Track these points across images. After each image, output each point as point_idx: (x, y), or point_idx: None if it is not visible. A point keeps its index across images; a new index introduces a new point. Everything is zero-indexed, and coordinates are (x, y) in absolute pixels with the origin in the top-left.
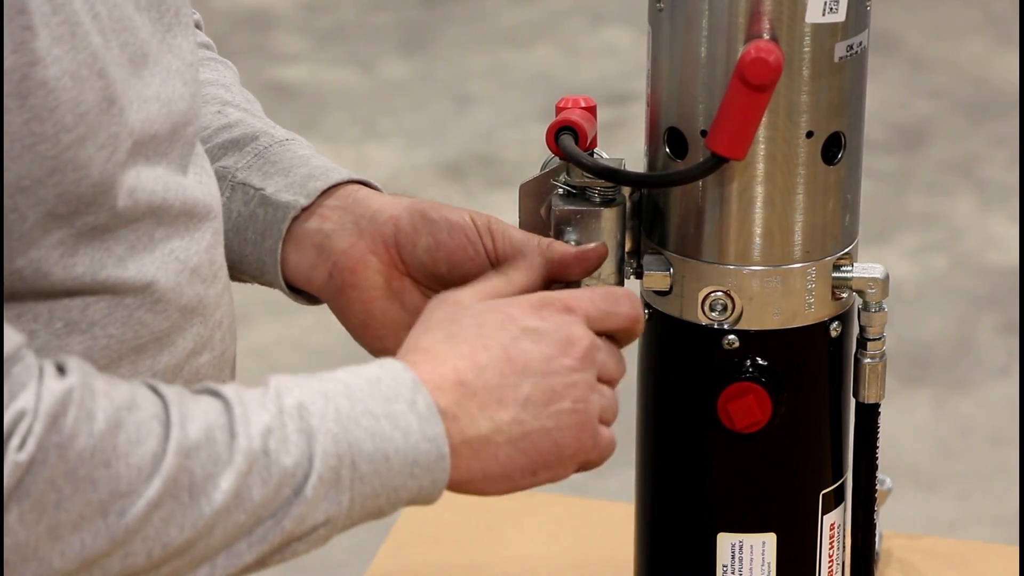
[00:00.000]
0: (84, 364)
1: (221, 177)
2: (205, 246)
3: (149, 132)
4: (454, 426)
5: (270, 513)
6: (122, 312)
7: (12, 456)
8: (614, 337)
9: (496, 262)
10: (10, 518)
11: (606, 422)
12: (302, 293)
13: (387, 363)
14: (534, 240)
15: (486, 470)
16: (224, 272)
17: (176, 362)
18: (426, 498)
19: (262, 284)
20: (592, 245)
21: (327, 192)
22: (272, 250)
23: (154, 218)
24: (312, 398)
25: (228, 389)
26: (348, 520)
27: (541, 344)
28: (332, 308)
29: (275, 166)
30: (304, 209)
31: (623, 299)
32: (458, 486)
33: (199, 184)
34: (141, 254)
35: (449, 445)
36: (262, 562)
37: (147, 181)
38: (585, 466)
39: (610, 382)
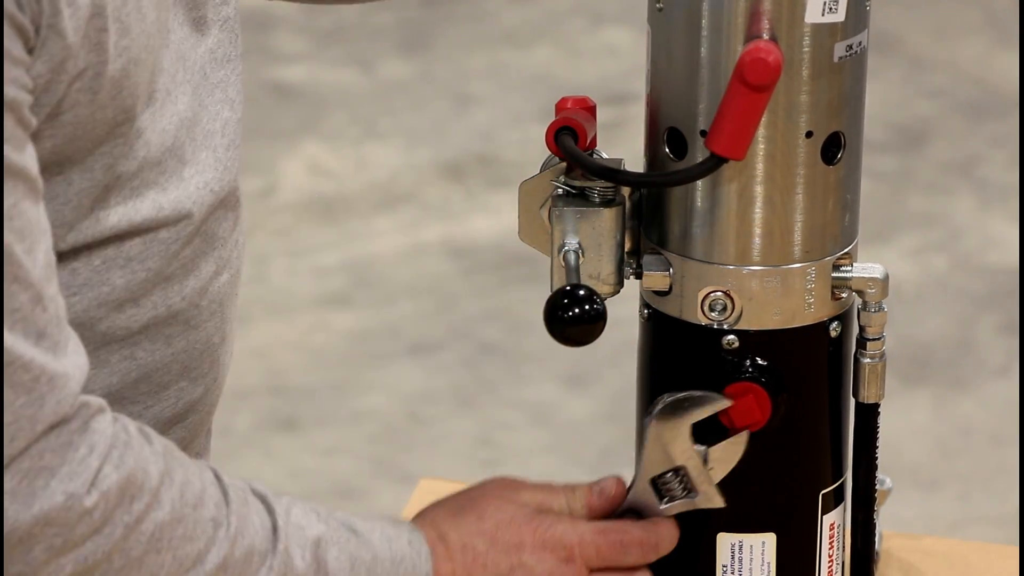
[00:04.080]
0: (168, 444)
1: None
2: (234, 175)
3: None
4: None
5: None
6: (158, 246)
7: (77, 521)
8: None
9: None
10: (63, 572)
11: None
12: None
13: (417, 543)
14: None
15: None
16: (240, 190)
17: (202, 285)
18: None
19: None
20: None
21: None
22: None
23: (177, 158)
24: (341, 565)
25: (280, 509)
26: None
27: None
28: None
29: None
30: None
31: (632, 549)
32: None
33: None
34: (176, 190)
35: None
36: None
37: (171, 123)
38: None
39: None
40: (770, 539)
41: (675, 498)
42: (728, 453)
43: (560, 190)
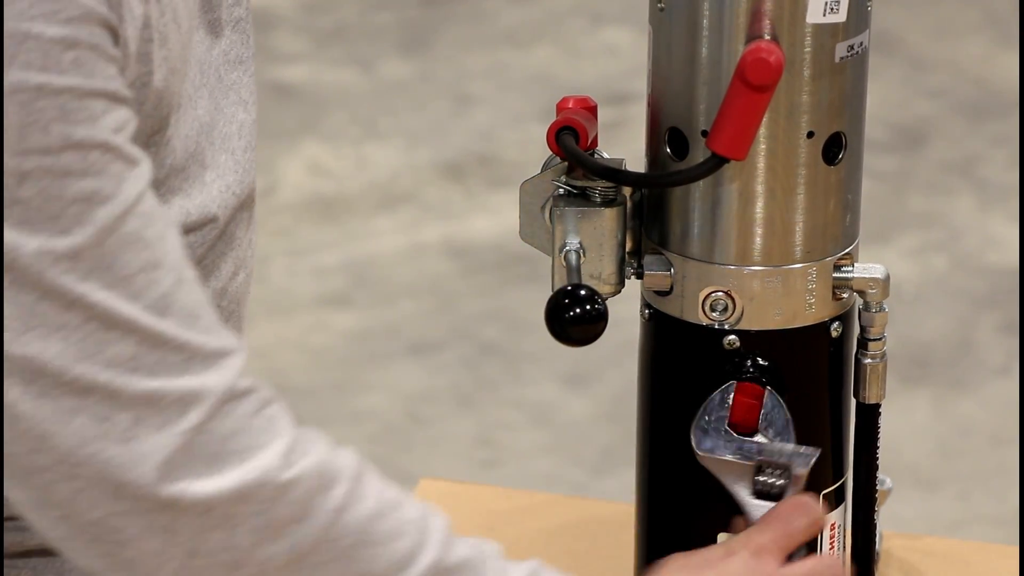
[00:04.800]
0: (362, 458)
1: None
2: (252, 176)
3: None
4: None
5: None
6: (185, 251)
7: (273, 504)
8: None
9: None
10: (275, 561)
11: None
12: None
13: None
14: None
15: None
16: (255, 191)
17: (222, 286)
18: None
19: None
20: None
21: None
22: None
23: (198, 163)
24: None
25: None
26: None
27: None
28: None
29: None
30: None
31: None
32: None
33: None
34: (200, 195)
35: None
36: None
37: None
38: None
39: None
40: None
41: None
42: None
43: (561, 190)
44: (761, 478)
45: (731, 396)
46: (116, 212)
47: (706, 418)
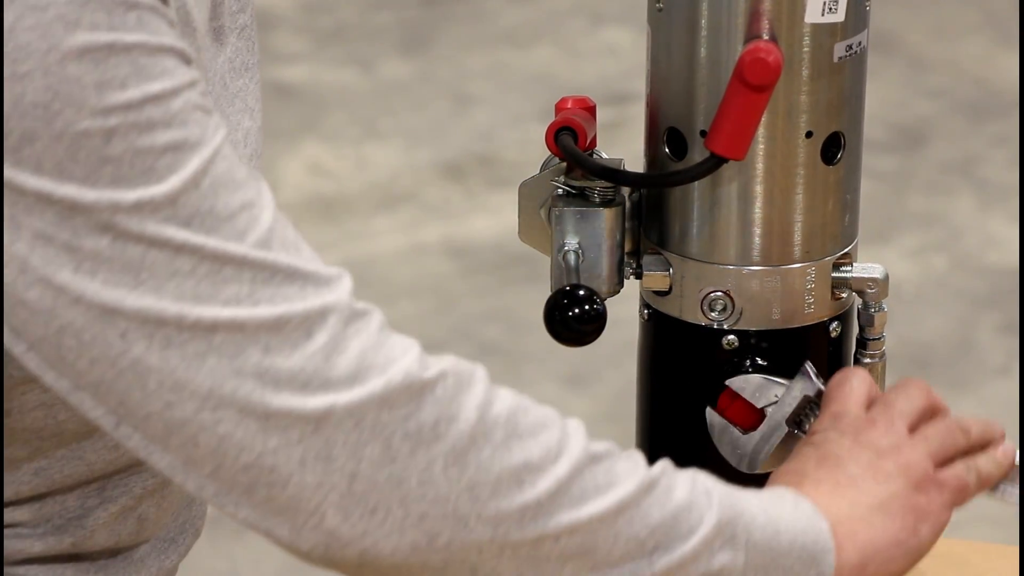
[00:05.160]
0: None
1: None
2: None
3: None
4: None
5: (667, 540)
6: None
7: (422, 406)
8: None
9: None
10: (436, 466)
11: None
12: None
13: (817, 533)
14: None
15: (874, 543)
16: None
17: None
18: None
19: None
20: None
21: None
22: None
23: None
24: (723, 493)
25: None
26: None
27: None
28: None
29: None
30: None
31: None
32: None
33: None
34: None
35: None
36: None
37: None
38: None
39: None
40: None
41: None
42: None
43: (560, 190)
44: (807, 425)
45: (726, 412)
46: (206, 156)
47: (730, 452)
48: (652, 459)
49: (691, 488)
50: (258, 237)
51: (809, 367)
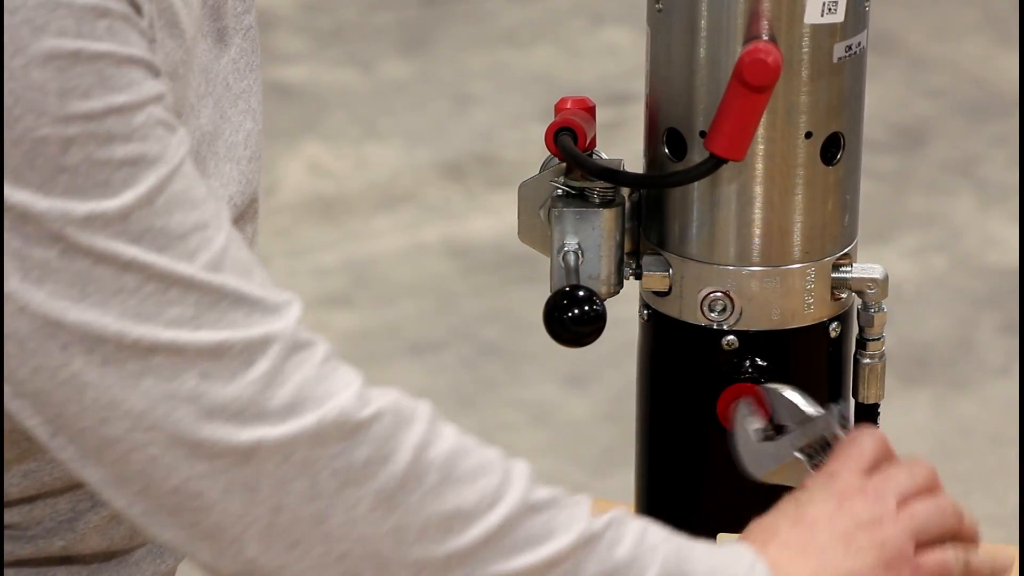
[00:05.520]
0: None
1: None
2: (255, 187)
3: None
4: None
5: None
6: None
7: (353, 446)
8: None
9: None
10: (361, 506)
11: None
12: None
13: (751, 564)
14: None
15: None
16: (259, 201)
17: None
18: None
19: None
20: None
21: None
22: None
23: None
24: (670, 551)
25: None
26: None
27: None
28: None
29: None
30: None
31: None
32: None
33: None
34: None
35: None
36: None
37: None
38: None
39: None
40: None
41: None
42: None
43: (559, 191)
44: (815, 461)
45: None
46: (163, 174)
47: (738, 448)
48: (652, 461)
49: (637, 543)
50: (209, 259)
51: (840, 409)
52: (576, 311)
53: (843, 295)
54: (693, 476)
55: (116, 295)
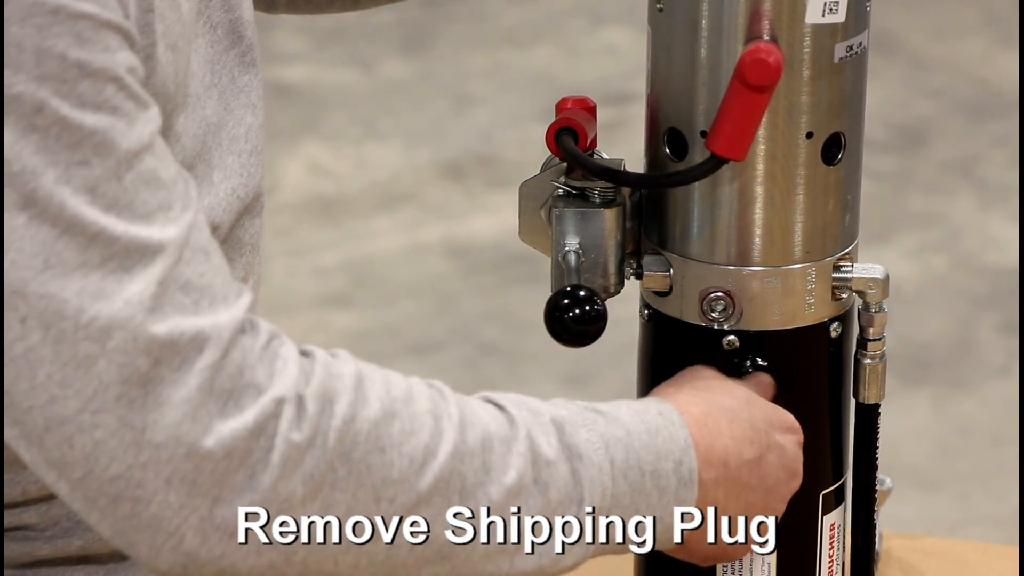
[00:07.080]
0: (357, 359)
1: None
2: (258, 180)
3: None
4: (702, 495)
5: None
6: None
7: (286, 435)
8: None
9: None
10: (294, 499)
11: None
12: None
13: (667, 412)
14: None
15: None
16: (264, 196)
17: None
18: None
19: None
20: None
21: None
22: None
23: (205, 163)
24: (594, 446)
25: (508, 400)
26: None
27: (781, 465)
28: None
29: None
30: None
31: None
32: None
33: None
34: (208, 196)
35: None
36: None
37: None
38: None
39: None
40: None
41: None
42: None
43: (560, 190)
44: None
45: None
46: (132, 148)
47: None
48: None
49: (570, 490)
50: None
51: None
52: (577, 311)
53: (844, 295)
54: None
55: (79, 268)
